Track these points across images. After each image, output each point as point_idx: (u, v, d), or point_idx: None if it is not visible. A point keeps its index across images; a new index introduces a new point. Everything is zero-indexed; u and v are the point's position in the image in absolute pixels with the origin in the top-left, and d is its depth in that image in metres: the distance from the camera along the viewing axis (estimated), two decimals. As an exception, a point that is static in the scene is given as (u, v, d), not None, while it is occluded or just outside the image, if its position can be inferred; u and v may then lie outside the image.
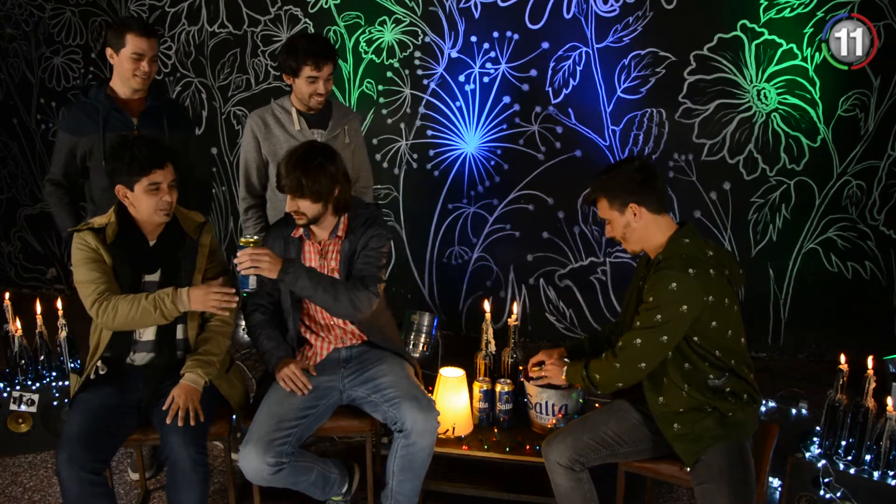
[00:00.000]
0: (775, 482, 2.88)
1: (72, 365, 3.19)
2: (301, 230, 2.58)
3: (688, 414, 2.23)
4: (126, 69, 2.82)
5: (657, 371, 2.28)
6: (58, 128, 2.95)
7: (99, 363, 2.46)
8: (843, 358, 2.62)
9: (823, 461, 2.54)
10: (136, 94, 2.89)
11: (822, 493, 2.51)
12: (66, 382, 3.14)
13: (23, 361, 3.15)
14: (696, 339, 2.20)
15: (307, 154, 2.46)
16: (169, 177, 2.39)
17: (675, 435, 2.24)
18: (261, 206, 3.10)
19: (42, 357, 3.18)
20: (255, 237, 2.35)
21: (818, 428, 2.69)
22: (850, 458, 2.55)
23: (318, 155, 2.47)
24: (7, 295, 3.18)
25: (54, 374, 3.18)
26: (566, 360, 2.52)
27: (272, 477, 2.35)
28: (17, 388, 3.10)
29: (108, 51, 2.84)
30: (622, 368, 2.22)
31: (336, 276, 2.57)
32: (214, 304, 2.34)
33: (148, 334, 2.47)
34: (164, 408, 2.33)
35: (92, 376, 2.45)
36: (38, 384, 3.12)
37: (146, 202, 2.37)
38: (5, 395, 3.09)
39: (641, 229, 2.27)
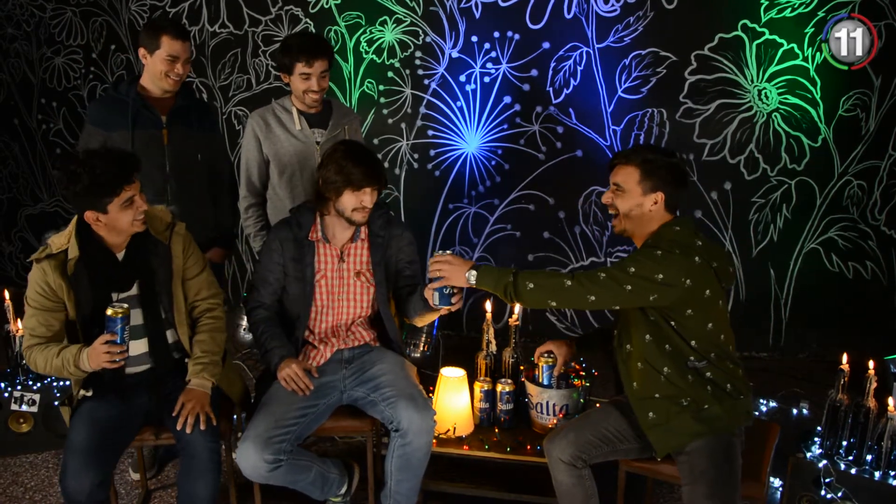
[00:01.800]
0: (776, 482, 2.87)
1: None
2: (319, 233, 2.59)
3: (662, 401, 2.22)
4: (159, 70, 2.82)
5: (631, 355, 2.28)
6: (87, 121, 2.93)
7: (83, 389, 2.38)
8: (844, 358, 2.62)
9: (824, 461, 2.54)
10: (166, 93, 2.90)
11: (823, 493, 2.51)
12: (67, 382, 3.14)
13: (24, 361, 3.14)
14: (673, 323, 2.19)
15: (359, 146, 2.56)
16: (138, 186, 2.25)
17: (649, 424, 2.23)
18: (261, 206, 3.10)
19: (43, 357, 3.18)
20: (125, 306, 2.24)
21: (819, 428, 2.69)
22: (851, 458, 2.55)
23: (363, 146, 2.60)
24: (8, 294, 3.18)
25: (55, 374, 3.18)
26: (473, 262, 2.31)
27: (269, 474, 2.34)
28: (19, 387, 3.11)
29: (141, 51, 2.84)
30: (570, 288, 2.14)
31: (362, 279, 2.61)
32: (105, 359, 2.22)
33: (139, 347, 2.40)
34: (174, 414, 2.30)
35: (80, 399, 2.39)
36: (39, 384, 3.13)
37: (123, 219, 2.24)
38: (6, 394, 3.10)
39: (647, 216, 2.25)
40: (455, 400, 2.70)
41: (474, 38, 4.12)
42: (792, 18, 3.75)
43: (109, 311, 2.21)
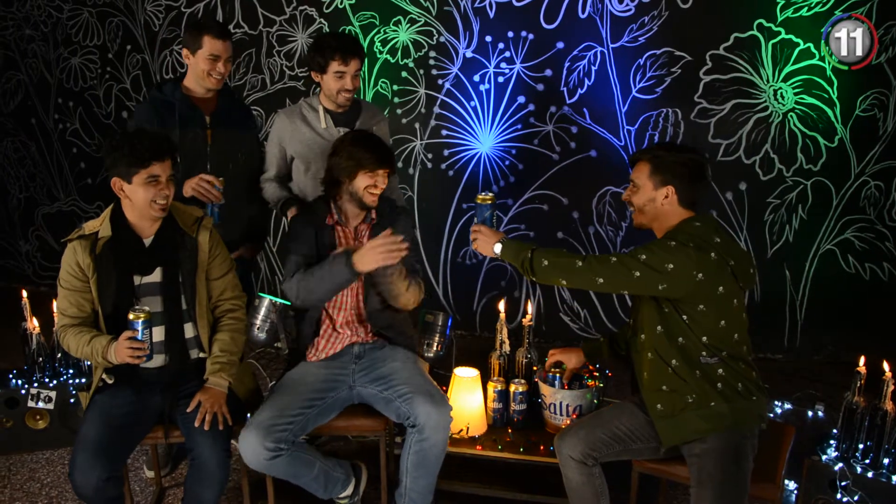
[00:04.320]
0: (791, 485, 2.85)
1: (87, 363, 3.22)
2: (336, 217, 2.63)
3: (670, 394, 2.23)
4: (202, 70, 2.87)
5: (643, 345, 2.29)
6: (133, 122, 2.94)
7: (105, 375, 2.42)
8: (861, 360, 2.60)
9: (840, 464, 2.52)
10: (209, 93, 2.95)
11: (838, 496, 2.49)
12: (83, 380, 3.17)
13: (40, 359, 3.18)
14: (685, 317, 2.20)
15: (367, 135, 2.63)
16: (168, 171, 2.33)
17: (657, 415, 2.25)
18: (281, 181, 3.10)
19: (59, 355, 3.21)
20: (146, 309, 2.26)
21: (835, 431, 2.67)
22: (867, 461, 2.53)
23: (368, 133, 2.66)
24: (25, 293, 3.21)
25: (71, 371, 3.21)
26: (503, 235, 2.41)
27: (269, 462, 2.35)
28: (35, 385, 3.13)
29: (185, 51, 2.90)
30: (581, 269, 2.21)
31: None
32: (127, 354, 2.25)
33: (156, 335, 2.39)
34: (189, 410, 2.33)
35: (100, 385, 2.42)
36: (55, 381, 3.15)
37: (143, 194, 2.30)
38: (23, 391, 3.12)
39: (661, 211, 2.29)
40: (468, 400, 2.70)
41: (488, 38, 4.12)
42: (808, 18, 3.72)
43: (131, 315, 2.25)
